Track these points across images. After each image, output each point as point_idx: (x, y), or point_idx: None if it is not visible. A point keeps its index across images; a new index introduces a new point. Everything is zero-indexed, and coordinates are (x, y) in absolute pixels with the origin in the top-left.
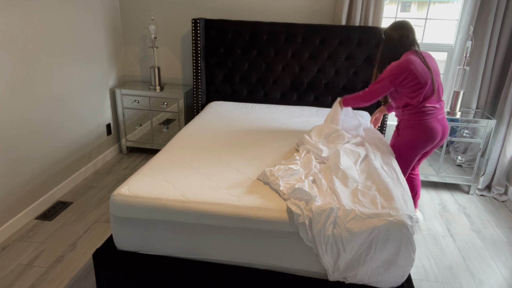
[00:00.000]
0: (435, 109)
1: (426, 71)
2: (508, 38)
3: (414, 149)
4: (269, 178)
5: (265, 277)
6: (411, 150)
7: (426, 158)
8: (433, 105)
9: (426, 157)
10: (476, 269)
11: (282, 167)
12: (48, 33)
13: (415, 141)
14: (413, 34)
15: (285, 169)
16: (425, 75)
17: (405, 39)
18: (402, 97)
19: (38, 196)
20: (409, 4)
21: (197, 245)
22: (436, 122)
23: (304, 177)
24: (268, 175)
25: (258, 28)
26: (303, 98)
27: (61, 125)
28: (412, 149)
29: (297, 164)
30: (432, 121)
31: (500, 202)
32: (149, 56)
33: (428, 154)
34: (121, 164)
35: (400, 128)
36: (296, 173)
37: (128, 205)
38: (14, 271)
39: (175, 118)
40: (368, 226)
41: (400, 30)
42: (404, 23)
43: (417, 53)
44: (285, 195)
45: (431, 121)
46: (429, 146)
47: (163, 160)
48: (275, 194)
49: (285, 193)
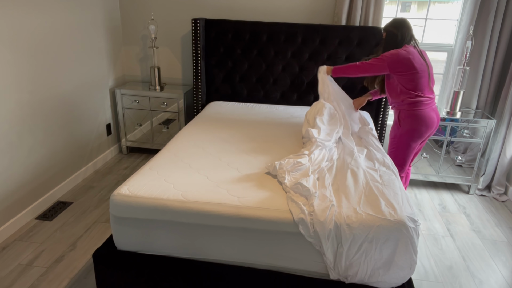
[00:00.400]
0: (430, 100)
1: (423, 63)
2: (508, 38)
3: (414, 137)
4: (278, 171)
5: (265, 277)
6: (412, 138)
7: (419, 150)
8: (428, 96)
9: (420, 149)
10: (476, 269)
11: (291, 161)
12: (48, 33)
13: (415, 130)
14: (411, 32)
15: (294, 163)
16: (421, 66)
17: (405, 37)
18: (399, 87)
19: (38, 196)
20: (409, 4)
21: (197, 245)
22: (432, 112)
23: (310, 173)
24: (277, 168)
25: (258, 28)
26: (303, 98)
27: (61, 125)
28: (413, 137)
29: (306, 158)
30: (429, 110)
31: (500, 202)
32: (149, 56)
33: (422, 144)
34: (121, 164)
35: (400, 119)
36: (304, 167)
37: (128, 205)
38: (14, 271)
39: (175, 118)
40: (368, 224)
41: (401, 28)
42: (404, 21)
43: (416, 47)
44: (287, 188)
45: (428, 110)
46: (427, 134)
47: (163, 160)
48: (275, 194)
49: (287, 186)
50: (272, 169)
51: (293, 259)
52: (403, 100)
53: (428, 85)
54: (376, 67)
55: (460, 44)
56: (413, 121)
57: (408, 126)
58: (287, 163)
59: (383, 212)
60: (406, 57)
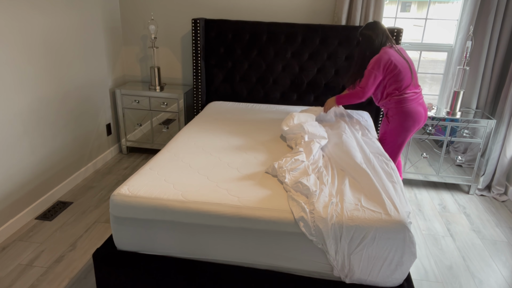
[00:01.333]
0: (416, 94)
1: (402, 61)
2: (508, 38)
3: (404, 133)
4: (277, 171)
5: (265, 277)
6: (401, 134)
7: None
8: (413, 91)
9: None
10: (476, 269)
11: (289, 159)
12: (48, 33)
13: (404, 125)
14: (387, 32)
15: (292, 161)
16: (402, 63)
17: (381, 37)
18: (385, 87)
19: (38, 196)
20: (409, 4)
21: (197, 245)
22: (419, 106)
23: (311, 171)
24: (276, 168)
25: (258, 28)
26: (303, 98)
27: (61, 125)
28: (402, 133)
29: (303, 155)
30: (415, 105)
31: (500, 202)
32: (149, 56)
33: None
34: (121, 164)
35: (389, 116)
36: (302, 165)
37: (128, 205)
38: (14, 271)
39: (175, 118)
40: (368, 220)
41: (376, 30)
42: (377, 23)
43: (393, 47)
44: (287, 187)
45: (415, 105)
46: (415, 128)
47: (163, 160)
48: (275, 194)
49: (288, 185)
50: (272, 170)
51: (293, 259)
52: (390, 99)
53: (412, 81)
54: (371, 82)
55: (460, 44)
56: (401, 117)
57: (397, 122)
58: (285, 162)
59: (385, 209)
60: (385, 58)
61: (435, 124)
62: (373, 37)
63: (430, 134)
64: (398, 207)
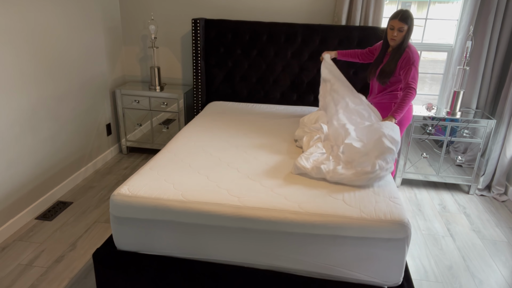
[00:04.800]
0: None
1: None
2: (508, 38)
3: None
4: (303, 143)
5: (265, 277)
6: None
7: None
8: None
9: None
10: (476, 269)
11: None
12: (48, 33)
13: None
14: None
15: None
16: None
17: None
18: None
19: (38, 196)
20: (409, 4)
21: (197, 245)
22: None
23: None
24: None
25: (258, 28)
26: (303, 98)
27: (61, 125)
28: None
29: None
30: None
31: (500, 202)
32: (149, 56)
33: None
34: (121, 164)
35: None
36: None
37: (128, 205)
38: (14, 271)
39: (175, 118)
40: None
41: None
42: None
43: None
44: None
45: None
46: (408, 124)
47: (163, 160)
48: (275, 194)
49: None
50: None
51: (293, 259)
52: (395, 94)
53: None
54: (417, 78)
55: (460, 44)
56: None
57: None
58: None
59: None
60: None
61: (435, 124)
62: (412, 28)
63: (430, 134)
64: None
